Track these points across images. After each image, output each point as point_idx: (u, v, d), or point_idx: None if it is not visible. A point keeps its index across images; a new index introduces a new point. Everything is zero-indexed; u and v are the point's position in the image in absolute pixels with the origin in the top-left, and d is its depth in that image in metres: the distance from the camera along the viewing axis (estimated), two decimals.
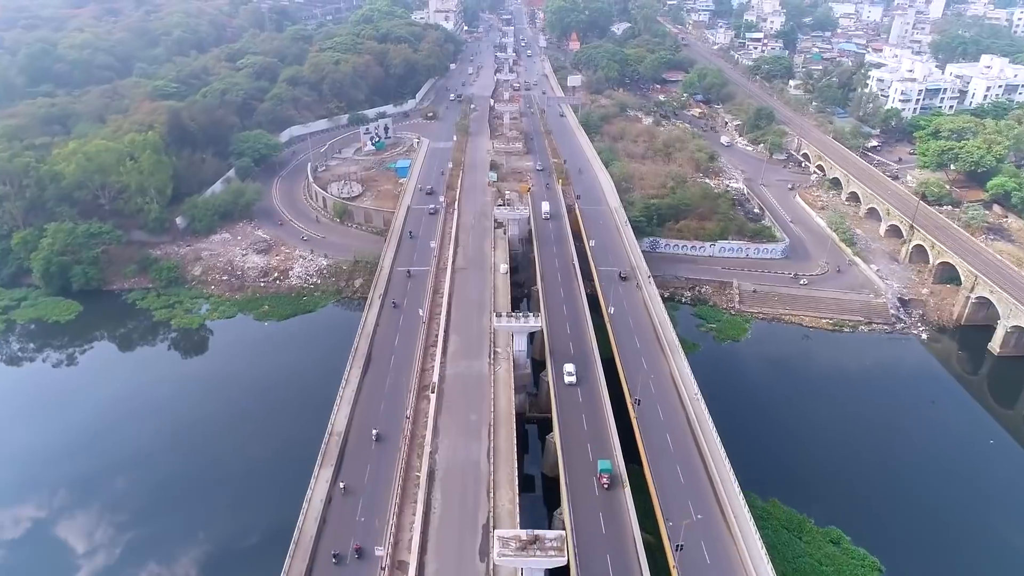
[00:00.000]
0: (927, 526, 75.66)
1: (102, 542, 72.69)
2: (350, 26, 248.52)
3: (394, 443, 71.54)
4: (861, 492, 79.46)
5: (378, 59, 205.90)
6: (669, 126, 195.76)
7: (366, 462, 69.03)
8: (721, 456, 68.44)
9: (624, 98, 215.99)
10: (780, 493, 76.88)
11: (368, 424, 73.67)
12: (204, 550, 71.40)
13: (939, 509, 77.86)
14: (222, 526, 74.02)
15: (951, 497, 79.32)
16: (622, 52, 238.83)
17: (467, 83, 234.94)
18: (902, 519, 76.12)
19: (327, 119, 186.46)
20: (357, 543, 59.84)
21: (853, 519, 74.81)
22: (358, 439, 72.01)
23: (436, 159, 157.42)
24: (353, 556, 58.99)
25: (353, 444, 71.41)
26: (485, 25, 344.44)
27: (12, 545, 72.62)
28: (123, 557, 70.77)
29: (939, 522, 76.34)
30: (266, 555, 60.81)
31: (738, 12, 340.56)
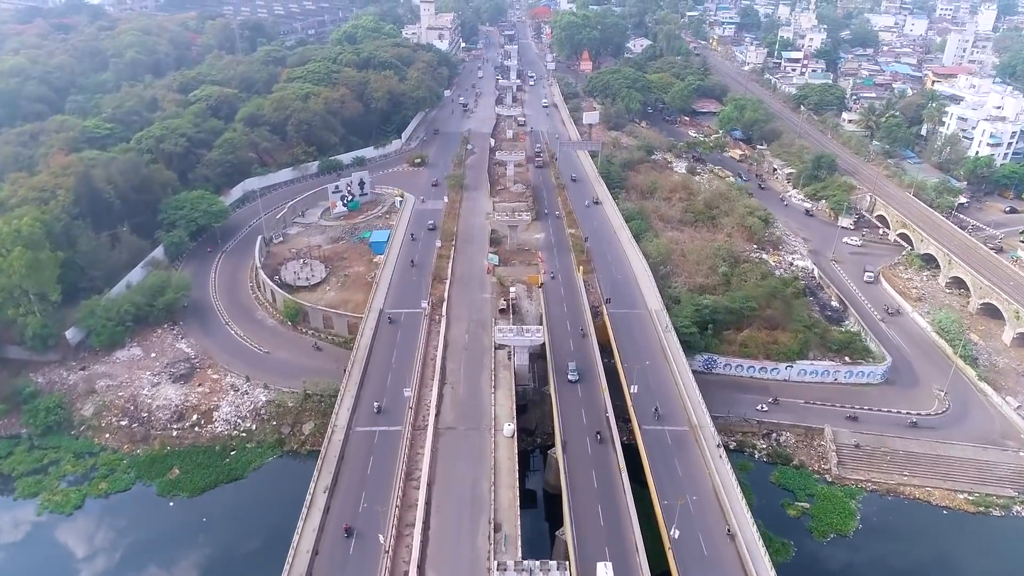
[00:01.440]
0: None
1: None
2: (328, 47, 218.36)
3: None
4: None
5: (357, 91, 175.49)
6: (706, 174, 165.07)
7: None
8: None
9: (649, 136, 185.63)
10: None
11: None
12: None
13: None
14: None
15: None
16: (644, 78, 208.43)
17: (465, 109, 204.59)
18: None
19: (292, 168, 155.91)
20: None
21: None
22: None
23: (423, 227, 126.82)
24: None
25: None
26: (485, 40, 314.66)
27: None
28: None
29: None
30: None
31: (767, 26, 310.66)
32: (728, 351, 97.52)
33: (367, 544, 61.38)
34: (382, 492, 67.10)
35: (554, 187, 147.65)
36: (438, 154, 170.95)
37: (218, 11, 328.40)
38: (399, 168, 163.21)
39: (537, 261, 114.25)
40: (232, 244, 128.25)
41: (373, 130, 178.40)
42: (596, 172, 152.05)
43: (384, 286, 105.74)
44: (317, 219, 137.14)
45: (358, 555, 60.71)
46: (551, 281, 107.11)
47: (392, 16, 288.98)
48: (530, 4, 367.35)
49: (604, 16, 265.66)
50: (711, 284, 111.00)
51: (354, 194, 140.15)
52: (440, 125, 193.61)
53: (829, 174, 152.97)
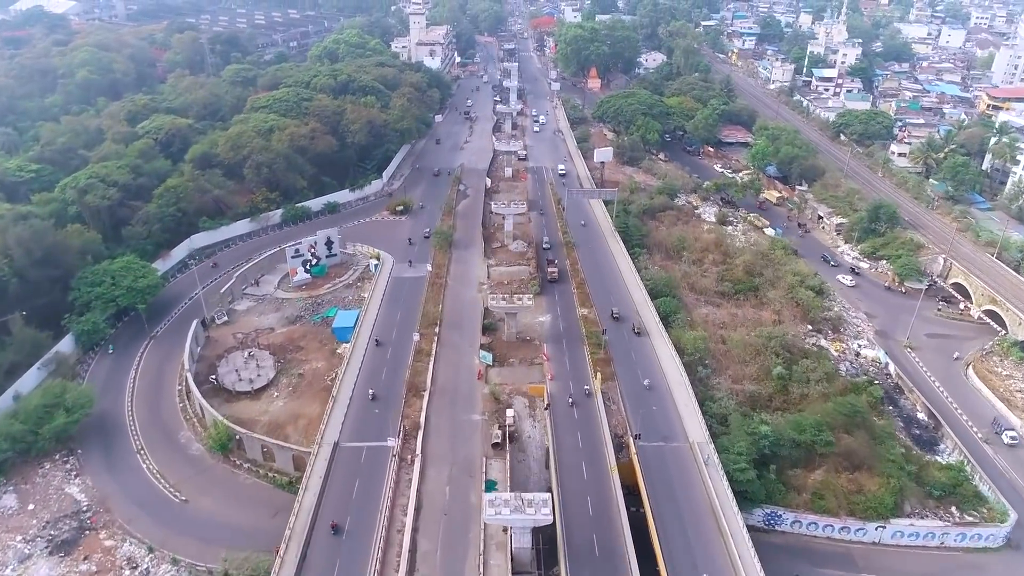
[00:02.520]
0: None
1: None
2: (303, 68, 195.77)
3: None
4: None
5: (331, 123, 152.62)
6: (740, 223, 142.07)
7: None
8: None
9: (670, 172, 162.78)
10: None
11: None
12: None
13: None
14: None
15: None
16: (661, 102, 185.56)
17: (459, 142, 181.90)
18: None
19: (250, 218, 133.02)
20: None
21: None
22: None
23: (400, 306, 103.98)
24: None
25: None
26: (483, 52, 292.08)
27: None
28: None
29: None
30: None
31: (791, 38, 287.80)
32: (796, 501, 74.25)
33: None
34: None
35: (561, 244, 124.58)
36: (425, 196, 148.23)
37: (191, 22, 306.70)
38: (378, 217, 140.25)
39: (542, 358, 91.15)
40: (167, 324, 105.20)
41: (350, 168, 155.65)
42: (610, 223, 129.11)
43: (343, 401, 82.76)
44: (274, 289, 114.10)
45: None
46: (560, 392, 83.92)
47: (380, 28, 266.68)
48: (532, 13, 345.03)
49: (614, 28, 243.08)
50: (765, 393, 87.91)
51: (319, 257, 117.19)
52: (428, 159, 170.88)
53: (890, 228, 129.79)
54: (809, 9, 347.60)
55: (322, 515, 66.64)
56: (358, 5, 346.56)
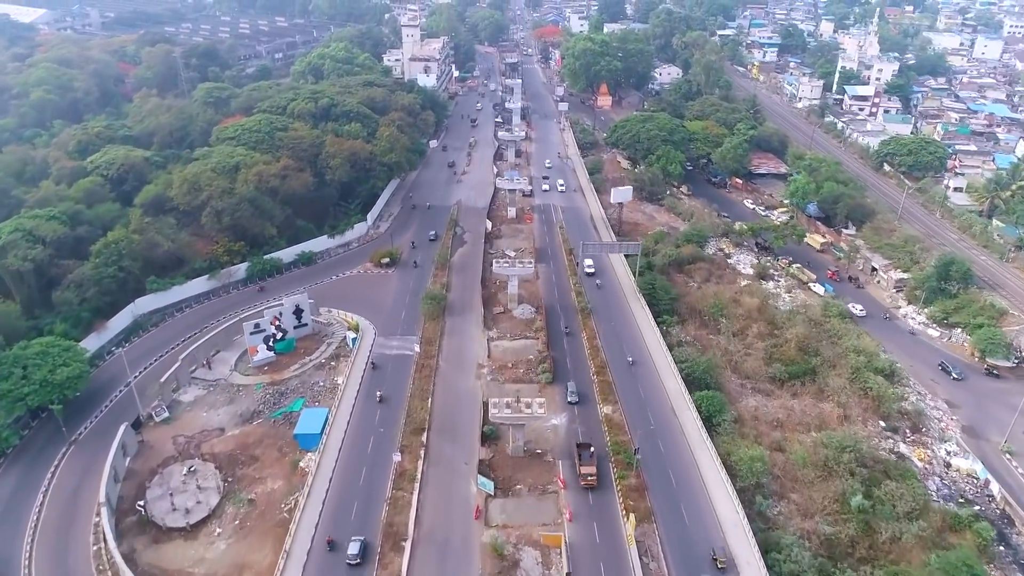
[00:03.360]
0: None
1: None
2: (283, 90, 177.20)
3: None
4: None
5: (308, 157, 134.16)
6: (783, 277, 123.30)
7: None
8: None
9: (698, 212, 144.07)
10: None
11: None
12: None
13: None
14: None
15: None
16: (683, 127, 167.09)
17: (457, 172, 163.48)
18: None
19: (209, 275, 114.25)
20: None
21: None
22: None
23: (379, 403, 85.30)
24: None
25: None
26: (483, 66, 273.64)
27: None
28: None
29: None
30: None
31: (816, 50, 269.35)
32: None
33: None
34: None
35: (574, 309, 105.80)
36: (416, 240, 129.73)
37: (170, 32, 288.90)
38: (360, 269, 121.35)
39: (557, 483, 72.35)
40: (92, 424, 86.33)
41: (330, 209, 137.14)
42: (631, 280, 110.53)
43: (299, 555, 64.06)
44: (229, 372, 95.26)
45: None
46: (583, 540, 65.10)
47: (372, 39, 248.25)
48: (535, 22, 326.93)
49: (626, 41, 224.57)
50: (844, 536, 68.96)
51: (286, 330, 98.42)
52: (421, 193, 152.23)
53: (963, 287, 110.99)
54: (830, 16, 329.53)
55: None
56: (350, 12, 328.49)
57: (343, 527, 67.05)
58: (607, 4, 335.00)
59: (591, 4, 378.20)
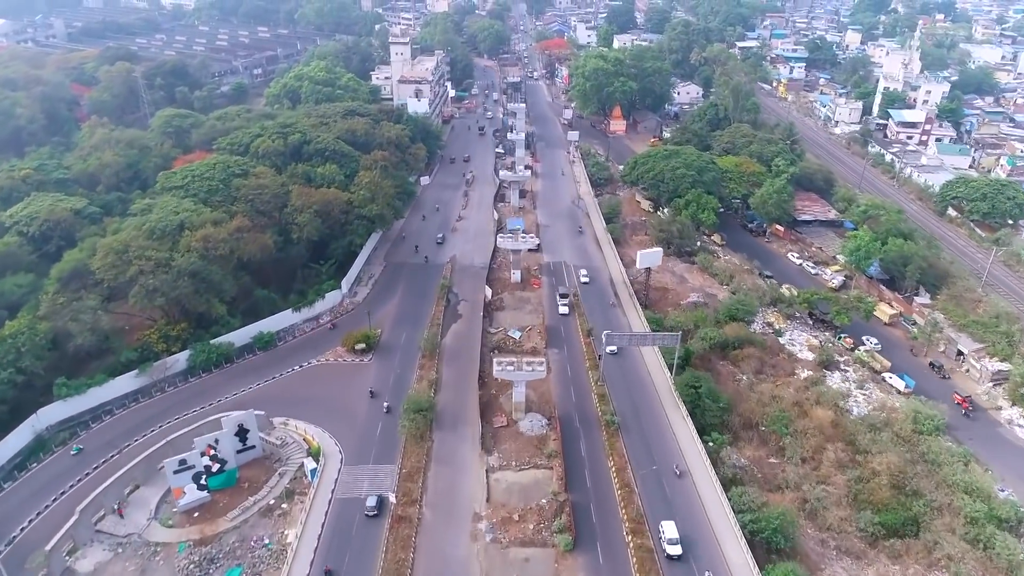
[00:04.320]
0: None
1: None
2: (252, 119, 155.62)
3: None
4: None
5: (271, 210, 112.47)
6: (851, 364, 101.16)
7: None
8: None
9: (736, 272, 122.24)
10: None
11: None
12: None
13: None
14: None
15: None
16: (713, 164, 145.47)
17: (451, 217, 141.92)
18: None
19: (137, 371, 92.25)
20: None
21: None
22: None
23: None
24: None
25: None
26: (483, 81, 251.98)
27: None
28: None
29: None
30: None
31: (848, 66, 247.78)
32: None
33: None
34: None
35: (597, 422, 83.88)
36: (399, 317, 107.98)
37: (142, 44, 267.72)
38: (330, 357, 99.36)
39: None
40: None
41: (297, 271, 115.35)
42: (666, 376, 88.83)
43: None
44: (147, 522, 73.21)
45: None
46: None
47: (360, 53, 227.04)
48: (538, 33, 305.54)
49: (641, 58, 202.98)
50: None
51: (224, 460, 76.50)
52: (408, 247, 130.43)
53: None
54: (857, 26, 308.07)
55: None
56: (338, 21, 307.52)
57: None
58: (616, 13, 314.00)
59: (599, 12, 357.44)
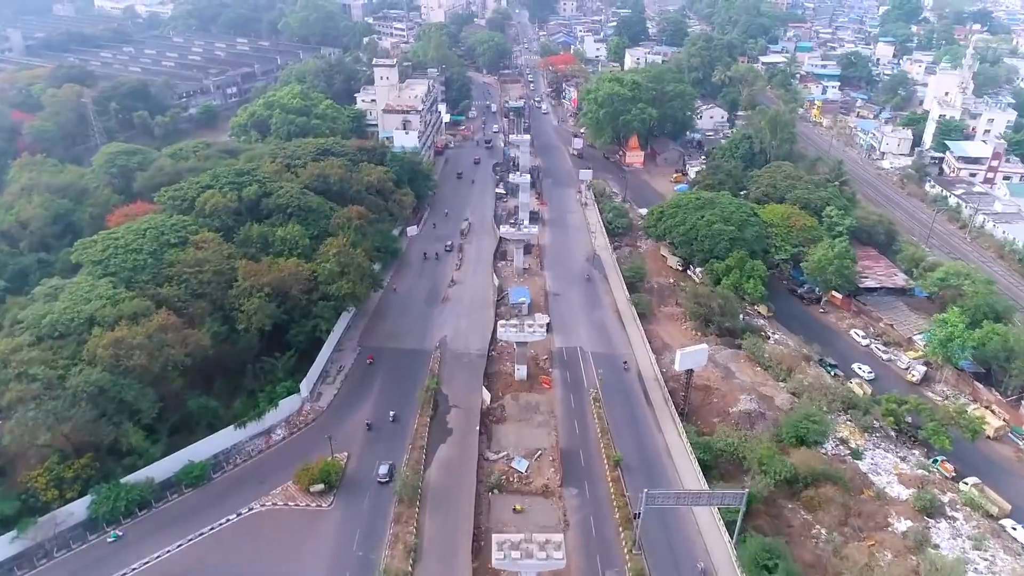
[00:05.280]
0: None
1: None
2: (210, 162, 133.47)
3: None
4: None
5: (215, 293, 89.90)
6: (961, 511, 78.31)
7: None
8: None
9: (793, 362, 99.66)
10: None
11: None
12: None
13: None
14: None
15: None
16: (755, 217, 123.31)
17: (441, 282, 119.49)
18: None
19: (15, 532, 69.38)
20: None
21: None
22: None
23: None
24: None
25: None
26: (481, 100, 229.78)
27: None
28: None
29: None
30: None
31: (889, 86, 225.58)
32: None
33: None
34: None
35: None
36: (373, 433, 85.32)
37: (106, 59, 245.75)
38: (279, 499, 76.57)
39: None
40: None
41: (248, 366, 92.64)
42: (724, 538, 66.32)
43: None
44: None
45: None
46: None
47: (344, 72, 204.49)
48: (542, 46, 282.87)
49: (661, 79, 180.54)
50: None
51: None
52: (387, 328, 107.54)
53: None
54: (889, 38, 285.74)
55: None
56: (324, 33, 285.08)
57: None
58: (626, 24, 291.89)
59: (607, 21, 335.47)
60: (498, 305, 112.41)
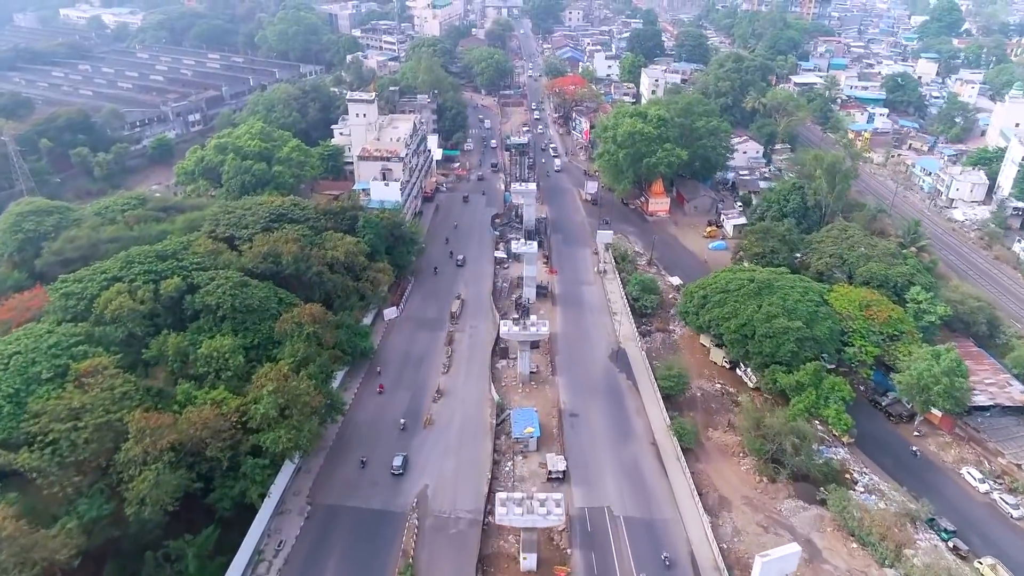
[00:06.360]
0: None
1: None
2: (144, 217, 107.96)
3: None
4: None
5: (86, 466, 63.98)
6: None
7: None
8: None
9: (897, 533, 73.44)
10: None
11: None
12: None
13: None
14: None
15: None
16: (826, 309, 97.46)
17: (423, 392, 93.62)
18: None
19: None
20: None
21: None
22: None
23: None
24: None
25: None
26: (479, 128, 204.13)
27: None
28: None
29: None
30: None
31: (944, 115, 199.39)
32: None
33: None
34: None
35: None
36: None
37: (57, 79, 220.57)
38: None
39: None
40: None
41: (148, 556, 66.51)
42: None
43: None
44: None
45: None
46: None
47: (321, 100, 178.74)
48: (547, 64, 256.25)
49: (690, 111, 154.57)
50: None
51: None
52: (344, 480, 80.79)
53: None
54: (932, 55, 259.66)
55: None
56: (306, 48, 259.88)
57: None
58: (640, 38, 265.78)
59: (618, 33, 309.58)
60: (497, 432, 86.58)
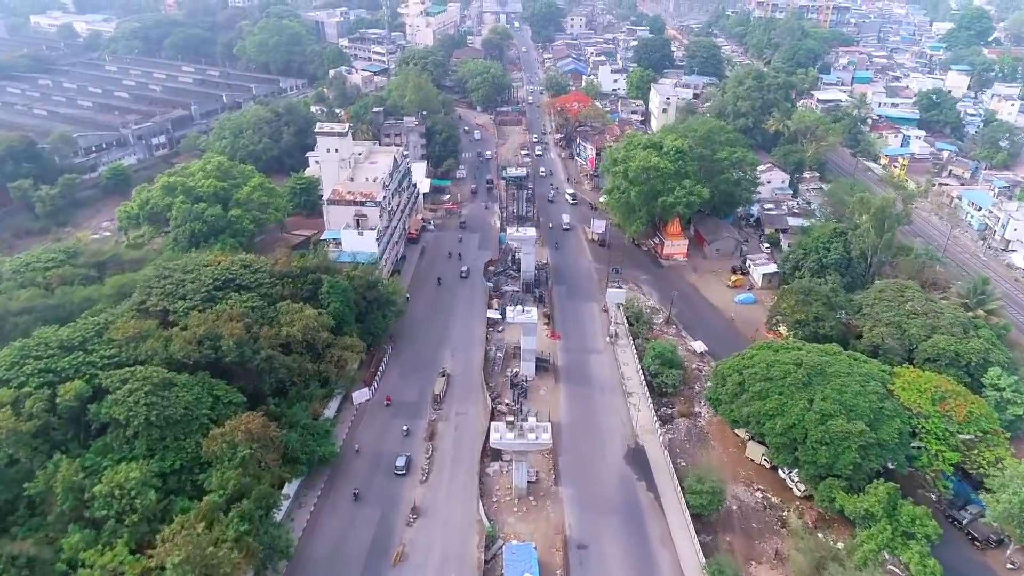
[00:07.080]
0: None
1: None
2: (73, 278, 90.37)
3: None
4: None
5: None
6: None
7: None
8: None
9: None
10: None
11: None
12: None
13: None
14: None
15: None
16: (891, 404, 79.57)
17: (393, 530, 76.01)
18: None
19: None
20: None
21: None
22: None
23: None
24: None
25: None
26: (472, 151, 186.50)
27: None
28: None
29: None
30: None
31: (986, 137, 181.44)
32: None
33: None
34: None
35: None
36: None
37: (12, 96, 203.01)
38: None
39: None
40: None
41: None
42: None
43: None
44: None
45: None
46: None
47: (296, 123, 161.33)
48: (549, 78, 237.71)
49: (711, 141, 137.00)
50: None
51: None
52: None
53: None
54: (964, 67, 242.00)
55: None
56: (288, 60, 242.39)
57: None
58: (648, 49, 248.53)
59: (624, 43, 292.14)
60: (486, 572, 68.80)
